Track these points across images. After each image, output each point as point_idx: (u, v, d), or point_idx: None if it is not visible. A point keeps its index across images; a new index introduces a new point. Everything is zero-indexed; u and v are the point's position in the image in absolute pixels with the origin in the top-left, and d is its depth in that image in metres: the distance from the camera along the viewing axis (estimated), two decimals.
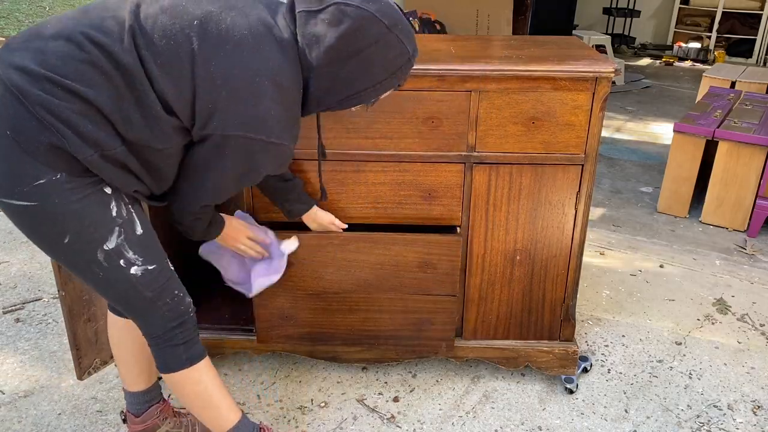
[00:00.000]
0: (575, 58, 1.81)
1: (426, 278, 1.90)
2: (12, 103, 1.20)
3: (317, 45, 1.28)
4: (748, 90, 4.24)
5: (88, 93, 1.21)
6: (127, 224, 1.34)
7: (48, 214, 1.27)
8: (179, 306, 1.45)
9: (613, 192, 3.79)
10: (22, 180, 1.23)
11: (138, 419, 1.71)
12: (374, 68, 1.32)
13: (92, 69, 1.22)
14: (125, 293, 1.39)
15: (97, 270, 1.34)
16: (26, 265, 2.73)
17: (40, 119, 1.19)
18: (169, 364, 1.48)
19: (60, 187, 1.24)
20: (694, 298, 2.67)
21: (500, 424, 1.95)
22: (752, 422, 2.00)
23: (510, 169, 1.83)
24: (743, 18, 7.93)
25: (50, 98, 1.19)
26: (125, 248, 1.34)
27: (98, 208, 1.30)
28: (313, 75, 1.32)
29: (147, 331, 1.46)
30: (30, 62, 1.21)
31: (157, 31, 1.25)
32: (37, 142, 1.21)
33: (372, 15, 1.27)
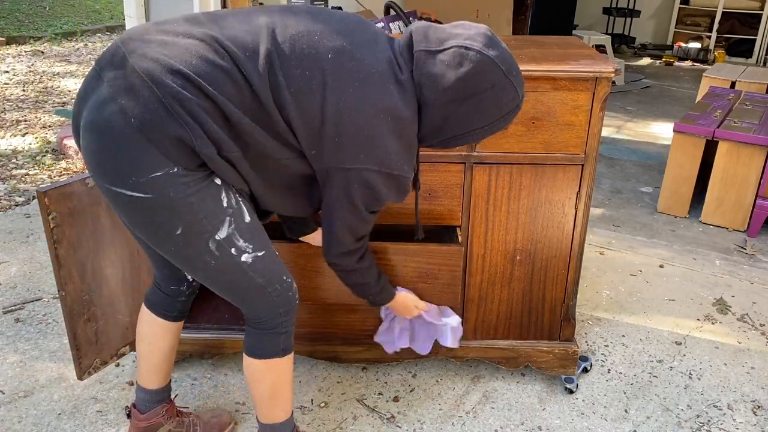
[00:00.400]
0: (575, 58, 1.81)
1: (426, 288, 1.84)
2: (142, 91, 1.20)
3: (434, 84, 1.32)
4: (748, 90, 4.25)
5: (218, 96, 1.22)
6: (237, 213, 1.35)
7: (161, 207, 1.27)
8: (288, 292, 1.47)
9: (613, 192, 3.79)
10: (138, 170, 1.23)
11: (143, 416, 1.72)
12: (486, 111, 1.35)
13: (224, 76, 1.23)
14: (237, 281, 1.40)
15: (209, 259, 1.35)
16: (26, 265, 2.73)
17: (169, 110, 1.20)
18: (265, 351, 1.50)
19: (176, 181, 1.24)
20: (694, 298, 2.67)
21: (500, 424, 1.95)
22: (752, 422, 2.00)
23: (510, 169, 1.83)
24: (743, 18, 7.93)
25: (182, 91, 1.20)
26: (236, 237, 1.34)
27: (211, 200, 1.30)
28: (425, 112, 1.35)
29: (255, 317, 1.47)
30: (163, 55, 1.22)
31: (294, 57, 1.27)
32: (162, 132, 1.20)
33: (491, 60, 1.30)
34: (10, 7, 8.96)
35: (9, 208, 3.29)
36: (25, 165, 3.87)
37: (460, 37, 1.32)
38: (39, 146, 4.17)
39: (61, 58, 6.75)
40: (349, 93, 1.28)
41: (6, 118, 4.72)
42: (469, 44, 1.30)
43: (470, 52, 1.29)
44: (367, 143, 1.30)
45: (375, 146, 1.31)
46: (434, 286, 1.85)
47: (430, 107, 1.34)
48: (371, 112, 1.29)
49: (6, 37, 7.31)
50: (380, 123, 1.30)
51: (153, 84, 1.20)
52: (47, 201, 1.58)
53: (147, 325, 1.67)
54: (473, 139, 1.40)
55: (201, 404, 1.99)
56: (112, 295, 1.83)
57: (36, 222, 3.11)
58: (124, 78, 1.22)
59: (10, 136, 4.35)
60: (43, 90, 5.50)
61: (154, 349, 1.68)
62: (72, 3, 9.72)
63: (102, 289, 1.79)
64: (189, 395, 2.02)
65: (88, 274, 1.74)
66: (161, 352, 1.68)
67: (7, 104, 5.06)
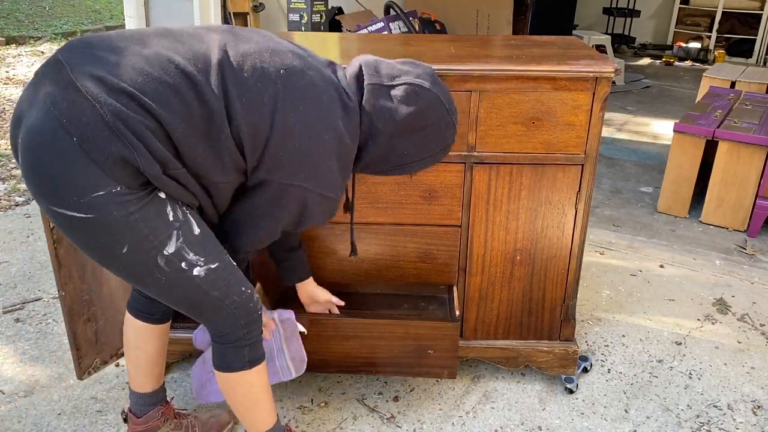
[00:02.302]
0: (575, 58, 1.81)
1: (425, 268, 1.91)
2: (85, 110, 1.17)
3: (387, 117, 1.39)
4: (748, 90, 4.24)
5: (162, 114, 1.21)
6: (185, 226, 1.32)
7: (104, 226, 1.24)
8: (248, 303, 1.44)
9: (613, 192, 3.79)
10: (79, 190, 1.20)
11: (140, 420, 1.71)
12: (429, 144, 1.46)
13: (172, 93, 1.22)
14: (191, 295, 1.37)
15: (160, 276, 1.32)
16: (26, 265, 2.73)
17: (112, 128, 1.17)
18: (230, 364, 1.47)
19: (118, 199, 1.22)
20: (694, 298, 2.67)
21: (500, 424, 1.95)
22: (752, 422, 2.00)
23: (510, 169, 1.83)
24: (743, 18, 7.93)
25: (125, 110, 1.18)
26: (185, 251, 1.32)
27: (155, 215, 1.28)
28: (372, 142, 1.42)
29: (215, 331, 1.45)
30: (107, 73, 1.20)
31: (247, 69, 1.28)
32: (106, 152, 1.18)
33: (438, 98, 1.43)
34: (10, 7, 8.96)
35: (9, 208, 3.29)
36: None
37: (410, 74, 1.42)
38: None
39: None
40: (300, 110, 1.31)
41: (6, 118, 4.72)
42: (420, 82, 1.41)
43: (421, 90, 1.40)
44: (310, 162, 1.34)
45: (317, 165, 1.35)
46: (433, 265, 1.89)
47: (379, 137, 1.41)
48: (319, 131, 1.33)
49: (6, 37, 7.31)
50: (326, 143, 1.34)
51: (95, 102, 1.17)
52: None
53: (132, 330, 1.66)
54: (414, 169, 1.49)
55: (200, 404, 1.99)
56: (112, 295, 1.83)
57: (36, 222, 3.11)
58: (65, 94, 1.18)
59: None
60: None
61: (142, 354, 1.67)
62: (72, 3, 9.72)
63: (102, 289, 1.79)
64: (189, 395, 2.02)
65: (88, 274, 1.74)
66: (149, 356, 1.67)
67: (7, 104, 5.06)
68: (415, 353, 1.82)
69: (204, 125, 1.25)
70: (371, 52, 1.93)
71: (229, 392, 1.52)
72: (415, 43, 2.06)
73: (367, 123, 1.40)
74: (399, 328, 1.79)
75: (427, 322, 1.81)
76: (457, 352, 1.83)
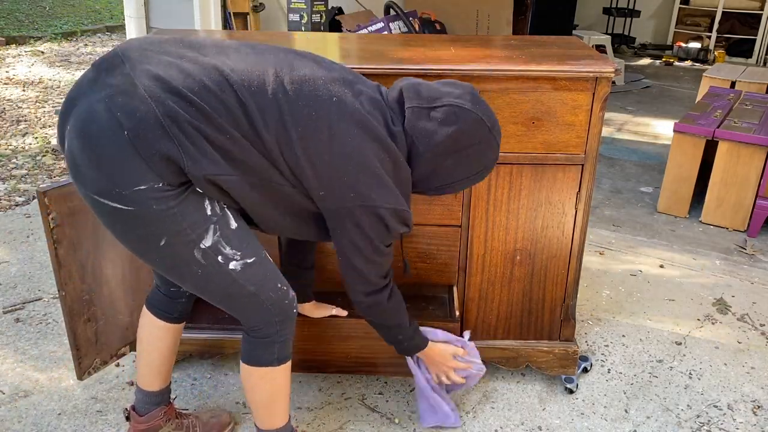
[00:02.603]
0: (575, 58, 1.81)
1: (425, 268, 1.91)
2: (141, 106, 1.20)
3: (427, 139, 1.40)
4: (748, 90, 4.25)
5: (217, 119, 1.23)
6: (222, 220, 1.34)
7: (144, 218, 1.27)
8: (283, 300, 1.45)
9: (613, 192, 3.79)
10: (123, 182, 1.23)
11: (142, 418, 1.71)
12: (473, 164, 1.46)
13: (224, 108, 1.25)
14: (227, 289, 1.39)
15: (196, 269, 1.34)
16: (26, 265, 2.73)
17: (166, 128, 1.20)
18: (259, 359, 1.49)
19: (158, 194, 1.25)
20: (694, 298, 2.67)
21: (500, 424, 1.95)
22: (752, 422, 2.00)
23: (510, 169, 1.83)
24: (743, 18, 7.93)
25: (181, 111, 1.21)
26: (222, 244, 1.34)
27: (194, 209, 1.30)
28: (416, 162, 1.43)
29: (248, 325, 1.47)
30: (167, 74, 1.22)
31: (302, 98, 1.30)
32: (154, 149, 1.21)
33: (479, 118, 1.42)
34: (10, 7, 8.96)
35: (9, 208, 3.29)
36: (25, 165, 3.87)
37: (451, 95, 1.42)
38: (39, 146, 4.17)
39: (61, 58, 6.75)
40: (354, 134, 1.33)
41: (6, 118, 4.72)
42: (460, 103, 1.41)
43: (461, 111, 1.40)
44: (375, 181, 1.35)
45: (382, 185, 1.36)
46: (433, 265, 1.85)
47: (421, 158, 1.42)
48: (376, 153, 1.35)
49: (6, 37, 7.31)
50: (383, 164, 1.36)
51: (152, 101, 1.20)
52: (47, 201, 1.58)
53: (147, 326, 1.67)
54: (457, 189, 1.50)
55: (201, 404, 1.99)
56: (112, 295, 1.83)
57: (36, 222, 3.11)
58: (123, 89, 1.21)
59: (10, 136, 4.35)
60: (43, 90, 5.50)
61: (154, 351, 1.67)
62: (72, 3, 9.72)
63: (102, 289, 1.79)
64: (189, 395, 2.02)
65: (88, 274, 1.74)
66: (161, 354, 1.68)
67: (7, 104, 5.06)
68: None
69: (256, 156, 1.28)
70: (371, 52, 1.94)
71: (251, 386, 1.53)
72: (415, 43, 2.06)
73: (410, 144, 1.42)
74: None
75: (426, 322, 1.80)
76: None
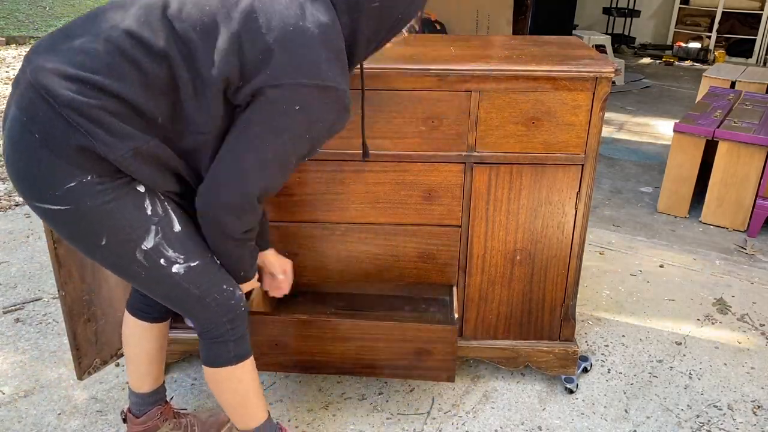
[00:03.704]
0: (575, 58, 1.81)
1: (425, 268, 1.92)
2: (40, 106, 1.19)
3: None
4: (748, 90, 4.24)
5: (119, 87, 1.19)
6: (164, 221, 1.32)
7: (82, 216, 1.26)
8: (229, 300, 1.42)
9: (613, 192, 3.79)
10: (53, 184, 1.22)
11: (139, 420, 1.71)
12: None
13: (122, 59, 1.20)
14: (171, 291, 1.37)
15: (139, 270, 1.33)
16: (26, 265, 2.73)
17: (68, 121, 1.18)
18: (216, 360, 1.47)
19: (91, 189, 1.23)
20: (694, 298, 2.67)
21: (500, 424, 1.95)
22: (752, 422, 2.00)
23: (510, 169, 1.83)
24: (743, 18, 7.92)
25: (79, 97, 1.18)
26: (164, 247, 1.32)
27: (132, 208, 1.28)
28: (361, 16, 1.29)
29: (200, 326, 1.45)
30: (57, 63, 1.21)
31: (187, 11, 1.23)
32: (66, 144, 1.19)
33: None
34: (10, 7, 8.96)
35: (9, 208, 3.29)
36: None
37: None
38: None
39: None
40: (261, 10, 1.23)
41: None
42: None
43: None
44: (293, 55, 1.21)
45: (303, 56, 1.22)
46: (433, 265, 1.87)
47: (367, 7, 1.28)
48: (292, 22, 1.23)
49: (6, 37, 7.31)
50: (304, 33, 1.23)
51: (49, 96, 1.18)
52: None
53: (130, 329, 1.66)
54: (408, 17, 1.35)
55: (201, 404, 1.99)
56: (112, 295, 1.83)
57: (36, 222, 3.11)
58: (25, 92, 1.21)
59: None
60: None
61: (141, 353, 1.66)
62: (72, 3, 9.72)
63: (102, 289, 1.79)
64: (189, 395, 2.02)
65: (88, 274, 1.74)
66: (148, 355, 1.67)
67: None
68: (413, 356, 1.81)
69: (165, 79, 1.22)
70: None
71: (217, 388, 1.52)
72: (415, 43, 2.06)
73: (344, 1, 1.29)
74: (397, 331, 1.77)
75: (425, 324, 1.79)
76: (456, 355, 1.81)
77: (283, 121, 1.25)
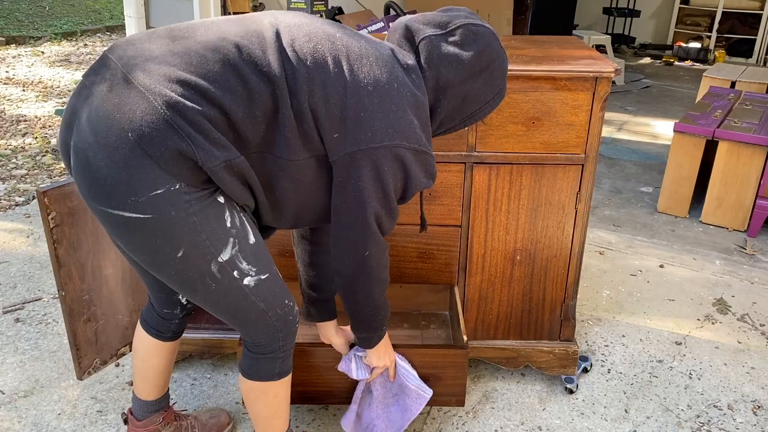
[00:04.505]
0: (575, 58, 1.81)
1: (425, 268, 1.92)
2: (139, 103, 1.13)
3: (455, 63, 1.32)
4: (748, 90, 4.25)
5: (223, 98, 1.16)
6: (241, 234, 1.28)
7: (163, 227, 1.19)
8: (288, 316, 1.40)
9: (613, 192, 3.79)
10: (138, 189, 1.15)
11: (140, 423, 1.71)
12: (496, 80, 1.39)
13: (231, 71, 1.18)
14: (238, 304, 1.33)
15: (211, 282, 1.27)
16: (26, 265, 2.73)
17: (170, 122, 1.12)
18: (260, 374, 1.45)
19: (178, 198, 1.17)
20: (694, 298, 2.67)
21: (500, 424, 1.95)
22: (752, 422, 2.00)
23: (510, 169, 1.83)
24: (743, 18, 7.93)
25: (182, 100, 1.13)
26: (239, 259, 1.28)
27: (214, 219, 1.23)
28: (443, 96, 1.35)
29: (252, 340, 1.42)
30: (162, 62, 1.17)
31: (302, 37, 1.25)
32: (164, 147, 1.13)
33: (492, 32, 1.37)
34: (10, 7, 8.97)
35: (9, 208, 3.29)
36: (24, 165, 3.87)
37: (459, 17, 1.36)
38: (39, 146, 4.17)
39: (61, 58, 6.75)
40: (365, 65, 1.25)
41: (6, 118, 4.72)
42: (473, 20, 1.35)
43: (478, 28, 1.34)
44: (394, 116, 1.26)
45: (401, 119, 1.26)
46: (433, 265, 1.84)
47: (451, 88, 1.34)
48: (392, 85, 1.26)
49: (6, 37, 7.31)
50: (401, 96, 1.27)
51: (150, 94, 1.13)
52: (47, 201, 1.58)
53: (141, 342, 1.64)
54: (485, 113, 1.42)
55: (201, 404, 1.99)
56: (112, 295, 1.83)
57: (36, 222, 3.11)
58: (118, 89, 1.15)
59: (10, 136, 4.35)
60: (42, 90, 5.50)
61: (149, 366, 1.66)
62: (72, 3, 9.72)
63: (102, 289, 1.79)
64: (189, 395, 2.02)
65: (88, 274, 1.74)
66: (155, 370, 1.66)
67: (7, 104, 5.06)
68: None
69: (268, 100, 1.20)
70: None
71: (252, 400, 1.51)
72: None
73: (434, 78, 1.33)
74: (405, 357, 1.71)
75: (433, 350, 1.74)
76: (466, 379, 1.75)
77: (384, 178, 1.29)
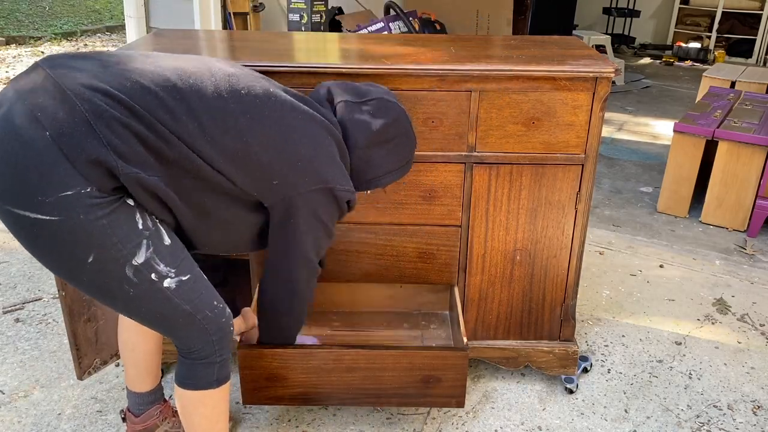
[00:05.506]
0: (575, 58, 1.81)
1: (425, 268, 1.92)
2: (64, 104, 1.12)
3: (364, 129, 1.47)
4: (748, 90, 4.24)
5: (148, 116, 1.18)
6: (155, 235, 1.25)
7: (70, 231, 1.15)
8: (219, 318, 1.37)
9: (613, 192, 3.79)
10: (46, 189, 1.12)
11: (138, 419, 1.71)
12: (399, 155, 1.54)
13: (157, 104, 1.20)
14: (161, 309, 1.29)
15: (128, 288, 1.24)
16: (26, 265, 2.73)
17: (93, 127, 1.12)
18: (197, 382, 1.41)
19: (86, 201, 1.14)
20: (694, 298, 2.67)
21: (500, 424, 1.95)
22: (752, 422, 2.00)
23: (510, 169, 1.83)
24: (743, 18, 7.92)
25: (110, 109, 1.14)
26: (155, 261, 1.24)
27: (124, 222, 1.20)
28: (351, 156, 1.48)
29: (185, 347, 1.38)
30: (92, 76, 1.18)
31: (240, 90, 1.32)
32: (81, 149, 1.12)
33: (404, 111, 1.54)
34: (10, 7, 8.97)
35: None
36: None
37: (378, 92, 1.53)
38: None
39: None
40: (300, 119, 1.38)
41: None
42: (388, 97, 1.52)
43: (390, 103, 1.51)
44: (329, 162, 1.40)
45: (335, 166, 1.42)
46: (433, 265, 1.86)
47: (356, 150, 1.47)
48: (324, 135, 1.41)
49: (6, 37, 7.31)
50: (331, 145, 1.42)
51: (77, 99, 1.13)
52: None
53: (126, 330, 1.64)
54: (386, 181, 1.55)
55: None
56: None
57: None
58: (44, 90, 1.14)
59: None
60: None
61: (137, 354, 1.65)
62: (72, 3, 9.72)
63: None
64: None
65: None
66: (144, 356, 1.66)
67: None
68: (421, 383, 1.72)
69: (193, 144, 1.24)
70: (371, 52, 1.94)
71: (189, 412, 1.45)
72: (415, 43, 2.06)
73: (345, 138, 1.46)
74: (404, 359, 1.68)
75: (434, 351, 1.72)
76: (466, 381, 1.73)
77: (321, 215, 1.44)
